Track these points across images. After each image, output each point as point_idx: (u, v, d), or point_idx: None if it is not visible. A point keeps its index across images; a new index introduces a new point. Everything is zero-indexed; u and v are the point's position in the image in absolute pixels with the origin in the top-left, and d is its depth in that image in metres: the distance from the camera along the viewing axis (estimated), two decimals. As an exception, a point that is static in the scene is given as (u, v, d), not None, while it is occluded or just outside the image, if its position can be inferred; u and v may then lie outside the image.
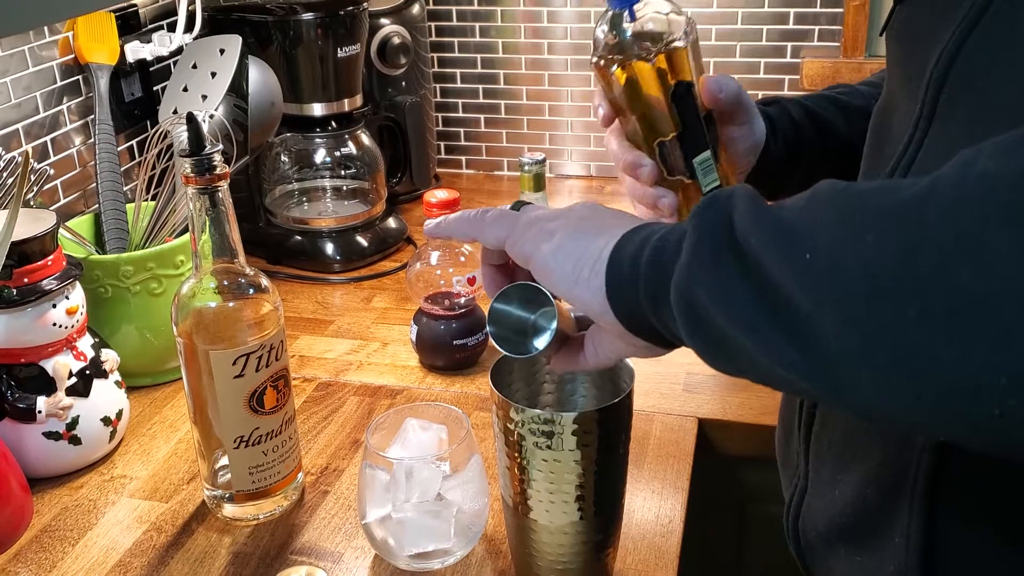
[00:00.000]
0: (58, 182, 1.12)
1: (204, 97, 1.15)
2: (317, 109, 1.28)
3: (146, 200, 1.05)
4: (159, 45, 1.22)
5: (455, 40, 1.57)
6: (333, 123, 1.30)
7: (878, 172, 0.59)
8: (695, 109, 0.69)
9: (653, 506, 0.81)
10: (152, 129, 1.11)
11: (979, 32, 0.51)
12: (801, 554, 0.67)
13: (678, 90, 0.68)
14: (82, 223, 1.05)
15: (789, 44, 1.45)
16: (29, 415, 0.83)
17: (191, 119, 0.72)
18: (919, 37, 0.58)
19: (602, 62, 0.68)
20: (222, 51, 1.17)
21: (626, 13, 0.67)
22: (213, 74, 1.16)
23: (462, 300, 1.01)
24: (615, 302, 0.50)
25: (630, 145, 0.72)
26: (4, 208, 0.93)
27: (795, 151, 0.77)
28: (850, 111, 0.79)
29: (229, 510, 0.81)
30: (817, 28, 1.43)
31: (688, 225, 0.47)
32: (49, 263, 0.83)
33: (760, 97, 0.81)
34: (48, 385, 0.84)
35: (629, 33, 0.67)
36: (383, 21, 1.37)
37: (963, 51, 0.52)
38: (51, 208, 1.09)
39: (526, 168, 1.09)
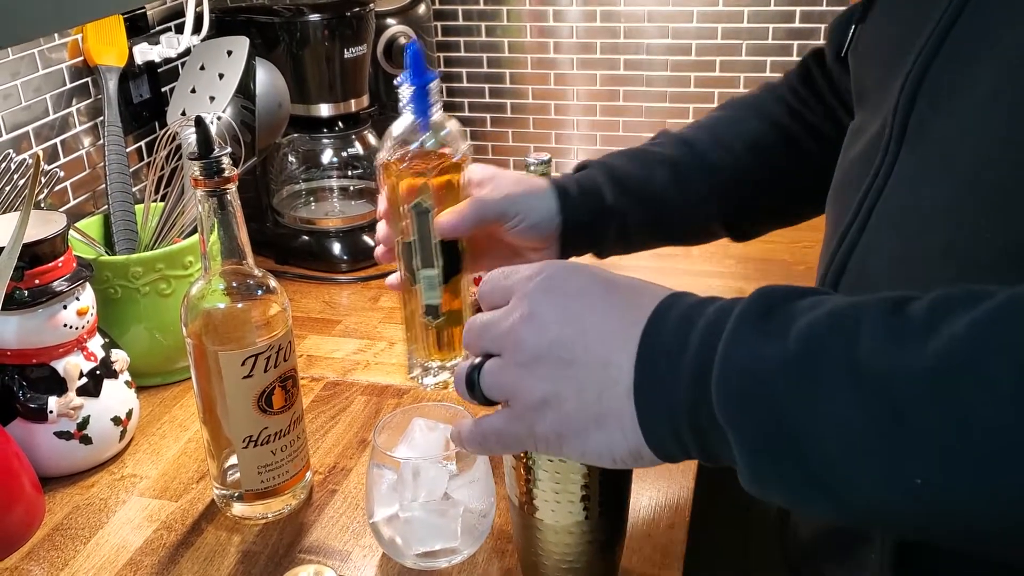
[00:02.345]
0: (68, 184, 1.13)
1: (212, 99, 1.16)
2: (324, 110, 1.29)
3: (155, 201, 1.06)
4: (167, 47, 1.23)
5: (461, 40, 1.57)
6: (340, 123, 1.31)
7: (853, 190, 0.59)
8: (431, 231, 0.78)
9: (659, 505, 0.82)
10: (161, 130, 1.12)
11: (944, 55, 0.51)
12: (790, 565, 0.68)
13: (418, 207, 0.78)
14: (92, 224, 1.05)
15: (795, 43, 1.45)
16: (40, 415, 0.84)
17: (200, 122, 0.72)
18: (883, 59, 0.58)
19: (383, 160, 0.78)
20: (229, 53, 1.18)
21: (420, 123, 0.76)
22: (221, 76, 1.17)
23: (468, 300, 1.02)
24: (672, 462, 0.48)
25: (391, 229, 0.81)
26: (16, 210, 0.94)
27: (599, 213, 0.82)
28: (654, 162, 0.83)
29: (238, 509, 0.81)
30: (823, 27, 1.43)
31: (722, 419, 0.42)
32: (60, 264, 0.84)
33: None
34: (59, 385, 0.85)
35: (416, 144, 0.77)
36: (389, 21, 1.38)
37: (929, 74, 0.52)
38: (61, 210, 1.10)
39: (532, 168, 1.10)
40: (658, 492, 0.83)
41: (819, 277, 0.63)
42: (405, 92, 0.75)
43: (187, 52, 1.23)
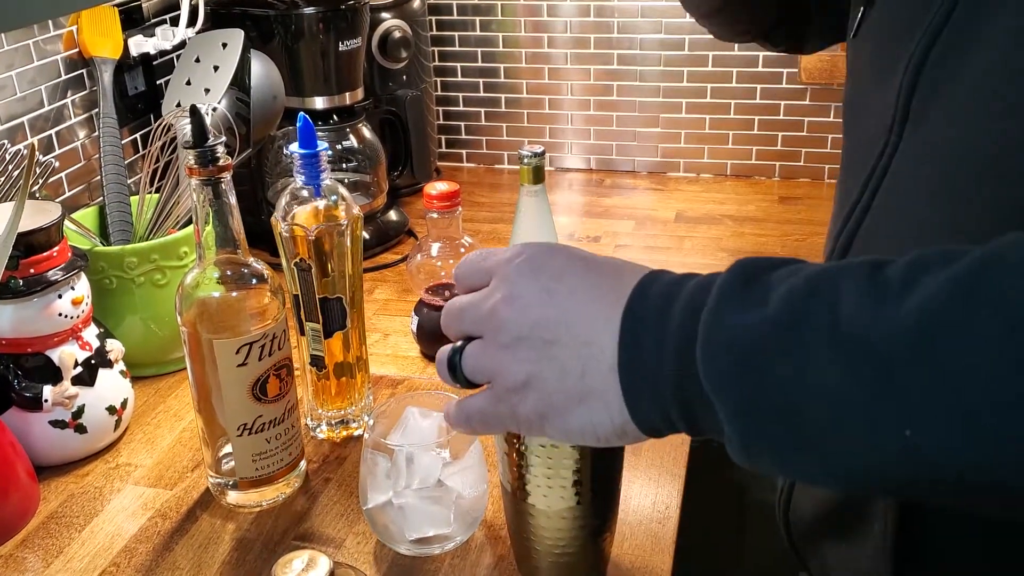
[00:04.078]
0: (63, 175, 1.14)
1: (207, 91, 1.16)
2: (319, 102, 1.29)
3: (150, 192, 1.06)
4: (162, 39, 1.23)
5: (455, 34, 1.58)
6: (334, 116, 1.31)
7: (860, 170, 0.60)
8: (312, 287, 0.84)
9: (650, 492, 0.82)
10: (156, 122, 1.13)
11: (944, 40, 0.52)
12: (794, 544, 0.69)
13: (300, 265, 0.84)
14: (87, 215, 1.06)
15: (788, 38, 1.46)
16: (35, 404, 0.84)
17: (195, 111, 0.73)
18: (887, 42, 0.59)
19: (275, 218, 0.84)
20: (224, 45, 1.18)
21: (312, 189, 0.83)
22: (216, 68, 1.17)
23: (462, 291, 1.02)
24: (658, 437, 0.48)
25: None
26: (10, 200, 0.95)
27: None
28: None
29: (233, 497, 0.82)
30: (815, 22, 1.44)
31: (709, 388, 0.42)
32: (55, 254, 0.84)
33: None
34: (54, 374, 0.85)
35: (306, 206, 0.83)
36: (384, 15, 1.38)
37: (930, 58, 0.53)
38: (56, 200, 1.10)
39: (526, 161, 1.10)
40: (650, 479, 0.84)
41: (826, 255, 0.64)
42: (297, 160, 0.82)
43: (182, 44, 1.24)
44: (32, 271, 0.83)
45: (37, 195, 0.98)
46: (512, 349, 0.48)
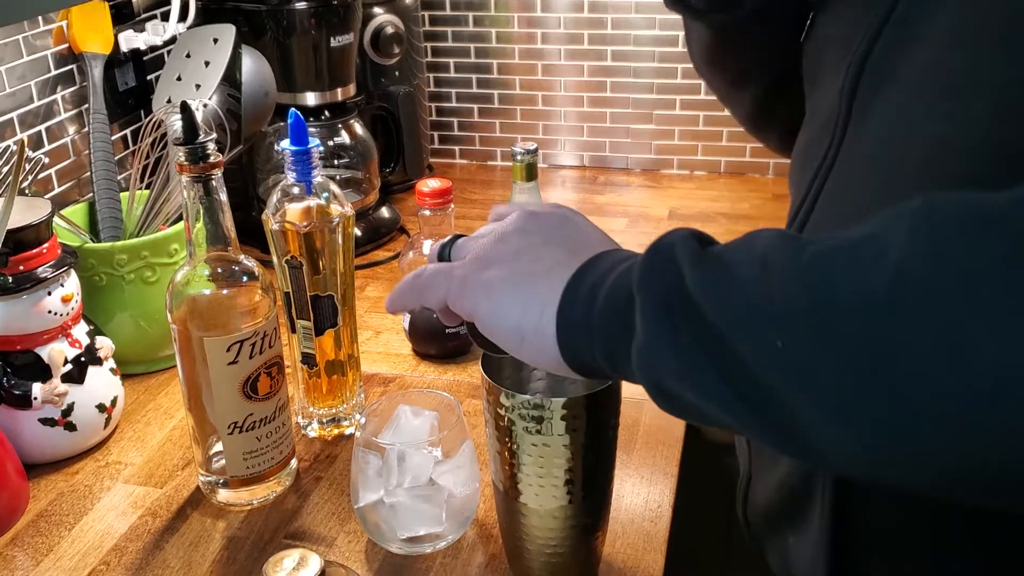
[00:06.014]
0: (52, 171, 1.13)
1: (198, 86, 1.16)
2: (310, 99, 1.29)
3: (140, 189, 1.06)
4: (153, 34, 1.22)
5: (448, 30, 1.57)
6: (326, 113, 1.30)
7: (807, 170, 0.61)
8: (303, 285, 0.84)
9: (642, 491, 0.82)
10: (146, 118, 1.12)
11: (884, 39, 0.54)
12: (752, 536, 0.70)
13: (290, 262, 0.84)
14: (77, 212, 1.05)
15: (781, 35, 1.46)
16: (25, 401, 0.84)
17: (185, 107, 0.72)
18: (833, 46, 0.61)
19: (266, 215, 0.84)
20: (216, 40, 1.17)
21: (303, 186, 0.83)
22: (207, 63, 1.17)
23: (454, 288, 1.02)
24: (569, 360, 0.50)
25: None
26: (-1, 196, 0.94)
27: None
28: None
29: (223, 495, 0.82)
30: (809, 19, 1.44)
31: (635, 287, 0.45)
32: (44, 251, 0.84)
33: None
34: (43, 372, 0.85)
35: (297, 203, 0.83)
36: (376, 11, 1.38)
37: (871, 57, 0.55)
38: (46, 197, 1.10)
39: (518, 158, 1.10)
40: (642, 477, 0.84)
41: None
42: (288, 157, 0.81)
43: (173, 40, 1.23)
44: (21, 268, 0.82)
45: (26, 191, 0.97)
46: (506, 239, 0.53)
